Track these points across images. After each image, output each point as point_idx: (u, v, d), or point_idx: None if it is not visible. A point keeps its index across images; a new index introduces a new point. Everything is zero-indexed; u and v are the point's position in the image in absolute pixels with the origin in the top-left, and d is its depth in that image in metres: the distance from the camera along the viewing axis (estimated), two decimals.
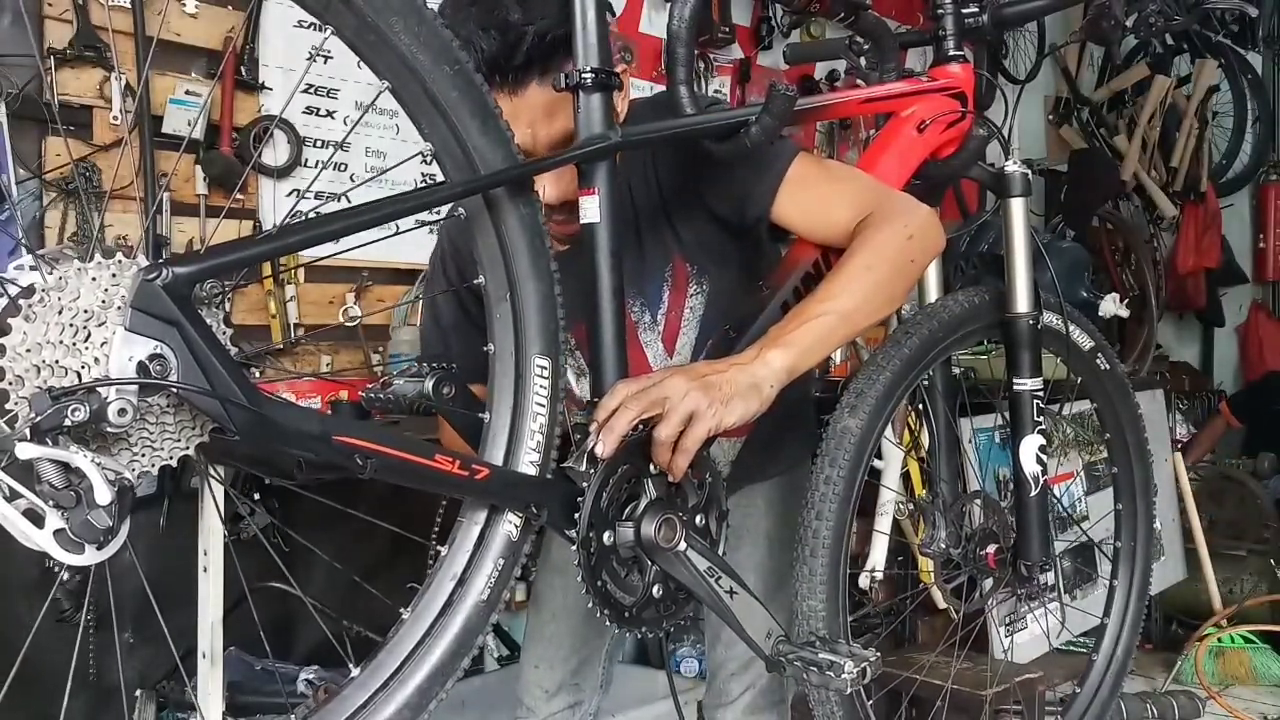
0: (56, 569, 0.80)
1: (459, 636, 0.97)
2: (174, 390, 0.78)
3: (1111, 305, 3.26)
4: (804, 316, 1.15)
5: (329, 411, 2.21)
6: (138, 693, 2.11)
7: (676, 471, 1.07)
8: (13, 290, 0.75)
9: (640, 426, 1.05)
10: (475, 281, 1.03)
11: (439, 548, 1.01)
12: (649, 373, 1.13)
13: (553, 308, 1.02)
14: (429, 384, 0.99)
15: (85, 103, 2.21)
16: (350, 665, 0.94)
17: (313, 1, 0.87)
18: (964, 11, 1.40)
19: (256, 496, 2.15)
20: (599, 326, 1.10)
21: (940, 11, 1.40)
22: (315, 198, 2.51)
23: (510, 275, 1.01)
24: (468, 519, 1.00)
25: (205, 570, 1.84)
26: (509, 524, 1.00)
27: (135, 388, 0.75)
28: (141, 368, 0.76)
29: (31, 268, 0.76)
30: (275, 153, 2.50)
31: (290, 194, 2.53)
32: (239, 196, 2.44)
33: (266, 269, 2.45)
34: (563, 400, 1.05)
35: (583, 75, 1.08)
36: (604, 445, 1.02)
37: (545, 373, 1.02)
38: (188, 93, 2.33)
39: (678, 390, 1.05)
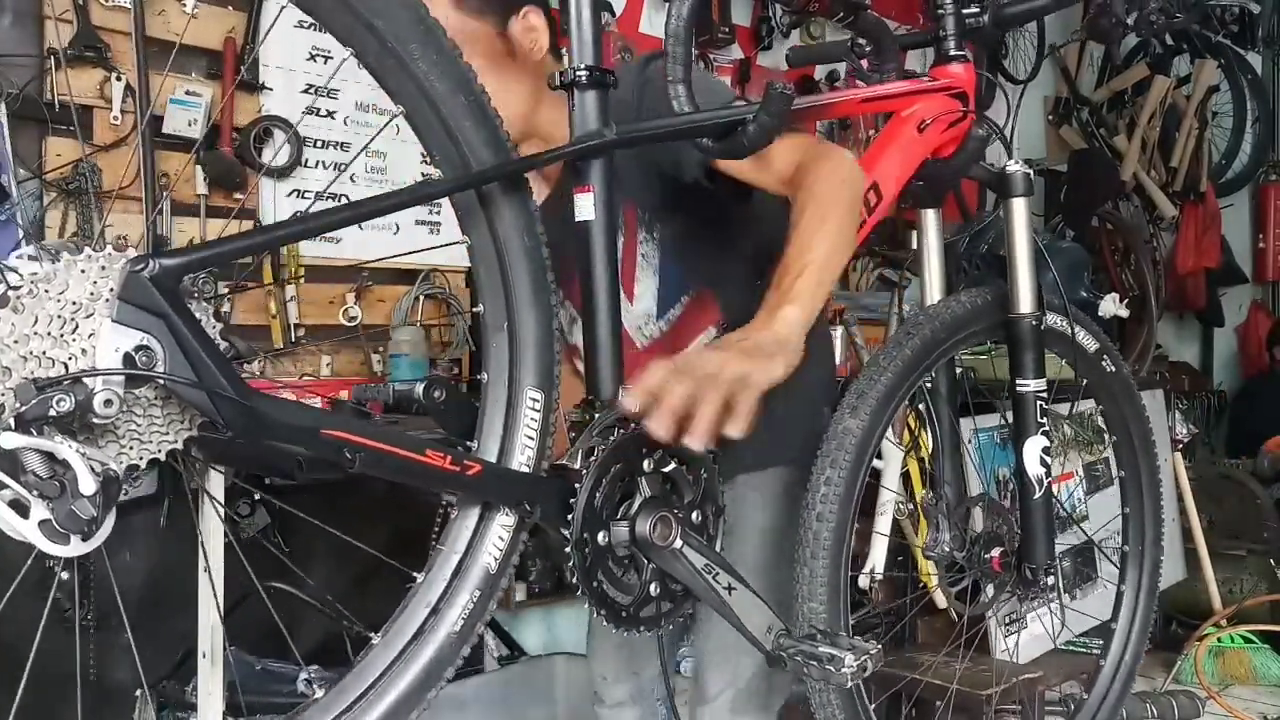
0: (53, 565, 0.80)
1: (428, 667, 0.95)
2: (161, 382, 0.78)
3: (1111, 305, 3.24)
4: (792, 272, 1.17)
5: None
6: (138, 693, 2.10)
7: (738, 432, 1.04)
8: (12, 279, 0.75)
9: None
10: (475, 309, 1.03)
11: (416, 575, 0.99)
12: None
13: (549, 342, 1.02)
14: (419, 387, 0.99)
15: (85, 103, 2.21)
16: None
17: (338, 26, 0.88)
18: (965, 12, 1.39)
19: (257, 497, 2.15)
20: (594, 324, 1.10)
21: (941, 12, 1.39)
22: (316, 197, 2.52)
23: (509, 301, 1.00)
24: (448, 548, 0.99)
25: (205, 570, 1.83)
26: (491, 550, 0.98)
27: (121, 379, 0.75)
28: (128, 359, 0.76)
29: (31, 257, 0.76)
30: (275, 153, 2.50)
31: (290, 194, 2.53)
32: (239, 196, 2.44)
33: (267, 272, 2.45)
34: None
35: (577, 73, 1.08)
36: (660, 425, 1.00)
37: (537, 405, 1.01)
38: (188, 93, 2.34)
39: (714, 362, 1.05)
